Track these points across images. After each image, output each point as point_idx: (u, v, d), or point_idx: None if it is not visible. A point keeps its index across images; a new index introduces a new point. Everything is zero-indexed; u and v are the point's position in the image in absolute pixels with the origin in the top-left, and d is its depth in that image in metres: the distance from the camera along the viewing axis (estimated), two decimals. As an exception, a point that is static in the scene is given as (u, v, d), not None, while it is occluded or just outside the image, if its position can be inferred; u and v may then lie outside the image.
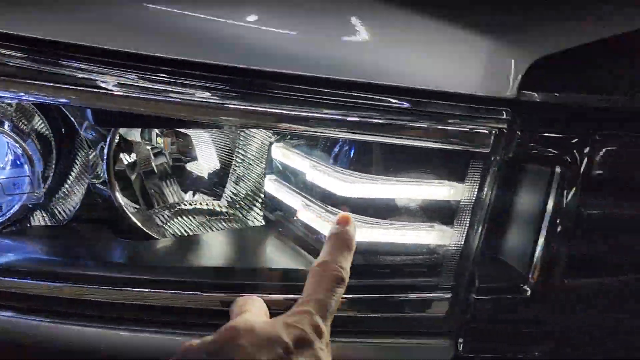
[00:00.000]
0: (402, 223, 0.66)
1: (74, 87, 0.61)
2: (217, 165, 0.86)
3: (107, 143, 0.72)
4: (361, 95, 0.61)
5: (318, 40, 0.63)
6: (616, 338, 0.74)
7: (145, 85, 0.60)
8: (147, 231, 0.76)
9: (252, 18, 0.63)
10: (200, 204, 0.85)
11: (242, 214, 0.83)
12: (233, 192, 0.83)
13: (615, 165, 0.67)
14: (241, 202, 0.83)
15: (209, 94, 0.61)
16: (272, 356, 0.49)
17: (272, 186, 0.77)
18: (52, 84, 0.61)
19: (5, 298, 0.68)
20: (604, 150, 0.66)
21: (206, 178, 0.87)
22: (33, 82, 0.61)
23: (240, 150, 0.81)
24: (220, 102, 0.61)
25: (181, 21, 0.62)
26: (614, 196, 0.68)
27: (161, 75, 0.61)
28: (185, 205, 0.84)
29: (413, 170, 0.65)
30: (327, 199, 0.68)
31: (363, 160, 0.66)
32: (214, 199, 0.86)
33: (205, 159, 0.85)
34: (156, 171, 0.83)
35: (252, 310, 0.57)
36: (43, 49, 0.61)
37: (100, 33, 0.61)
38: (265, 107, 0.61)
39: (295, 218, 0.73)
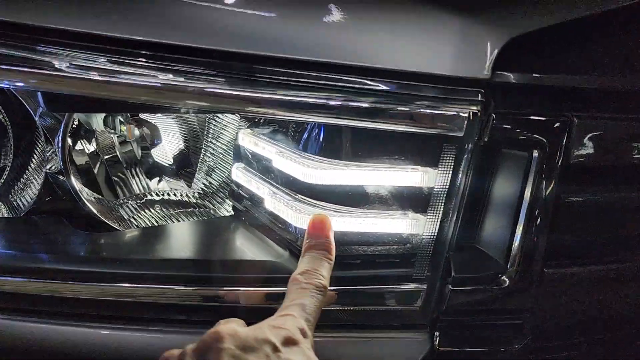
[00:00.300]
0: (374, 211, 0.63)
1: (24, 69, 0.58)
2: (186, 154, 0.83)
3: (61, 129, 0.68)
4: (328, 76, 0.58)
5: (286, 21, 0.60)
6: (598, 330, 0.71)
7: (100, 66, 0.57)
8: (107, 222, 0.72)
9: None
10: (168, 194, 0.82)
11: (211, 204, 0.80)
12: (202, 182, 0.80)
13: (597, 149, 0.63)
14: (210, 192, 0.80)
15: (171, 76, 0.57)
16: (261, 356, 0.48)
17: (240, 175, 0.74)
18: (4, 67, 0.58)
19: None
20: (583, 133, 0.63)
21: (174, 168, 0.84)
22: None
23: (209, 139, 0.78)
24: (184, 84, 0.57)
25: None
26: (596, 182, 0.65)
27: (120, 56, 0.57)
28: (152, 195, 0.81)
29: (384, 156, 0.62)
30: (295, 187, 0.64)
31: (331, 145, 0.63)
32: (182, 190, 0.82)
33: (172, 148, 0.82)
34: (121, 160, 0.79)
35: (232, 321, 0.54)
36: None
37: (54, 11, 0.58)
38: (231, 90, 0.58)
39: (260, 208, 0.70)
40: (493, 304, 0.65)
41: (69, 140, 0.70)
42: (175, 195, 0.81)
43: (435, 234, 0.63)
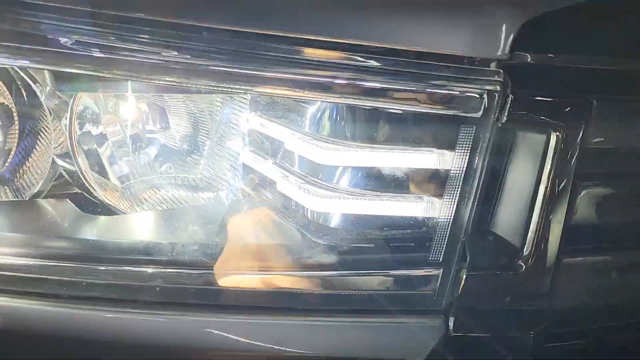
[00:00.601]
0: (389, 194, 0.62)
1: (32, 47, 0.56)
2: (193, 138, 0.81)
3: (69, 110, 0.67)
4: (346, 55, 0.57)
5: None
6: (614, 318, 0.70)
7: (107, 43, 0.56)
8: (114, 205, 0.71)
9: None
10: (174, 178, 0.80)
11: (218, 187, 0.79)
12: (209, 166, 0.79)
13: (617, 132, 0.62)
14: (217, 176, 0.79)
15: (176, 53, 0.56)
16: None
17: (250, 158, 0.72)
18: (8, 44, 0.56)
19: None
20: (603, 115, 0.61)
21: (181, 151, 0.82)
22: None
23: (216, 122, 0.76)
24: (193, 62, 0.56)
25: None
26: (616, 166, 0.64)
27: (130, 34, 0.56)
28: (158, 179, 0.79)
29: (400, 137, 0.61)
30: (307, 170, 0.63)
31: (345, 127, 0.62)
32: (188, 173, 0.81)
33: (180, 132, 0.80)
34: (128, 143, 0.78)
35: None
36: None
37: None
38: (240, 68, 0.56)
39: (272, 191, 0.68)
40: (509, 289, 0.64)
41: (76, 123, 0.68)
42: (181, 179, 0.80)
43: (451, 218, 0.62)
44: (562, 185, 0.62)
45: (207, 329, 0.62)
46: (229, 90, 0.68)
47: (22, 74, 0.69)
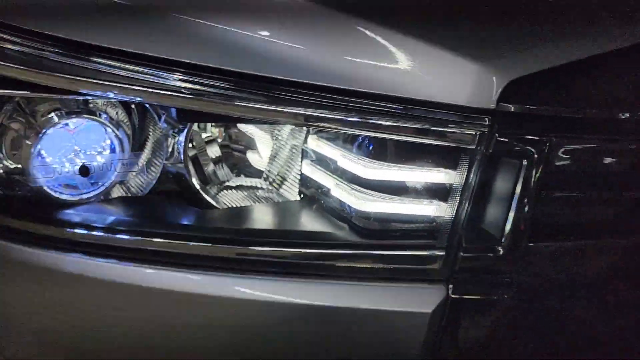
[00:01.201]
0: (409, 199, 0.90)
1: (161, 91, 0.84)
2: (260, 152, 1.09)
3: (185, 134, 0.95)
4: (380, 104, 0.85)
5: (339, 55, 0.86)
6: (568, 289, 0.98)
7: (214, 91, 0.83)
8: (211, 201, 0.99)
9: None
10: (244, 182, 1.08)
11: (277, 189, 1.06)
12: (271, 173, 1.06)
13: (567, 158, 0.90)
14: (277, 181, 1.06)
15: (258, 98, 0.84)
16: None
17: (308, 169, 1.00)
18: (143, 89, 0.84)
19: (108, 249, 0.90)
20: (558, 148, 0.89)
21: (250, 162, 1.10)
22: (134, 87, 0.84)
23: (278, 140, 1.04)
24: (264, 106, 0.84)
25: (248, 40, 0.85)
26: (567, 181, 0.92)
27: (226, 84, 0.84)
28: (231, 183, 1.07)
29: (418, 160, 0.88)
30: (353, 180, 0.91)
31: (380, 151, 0.90)
32: (255, 178, 1.09)
33: (251, 148, 1.08)
34: (210, 156, 1.05)
35: None
36: (136, 60, 0.84)
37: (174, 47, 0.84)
38: (298, 110, 0.84)
39: (327, 194, 0.96)
40: (491, 266, 0.92)
41: (188, 142, 0.96)
42: (250, 183, 1.07)
43: (453, 216, 0.89)
44: (529, 193, 0.89)
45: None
46: (296, 123, 0.96)
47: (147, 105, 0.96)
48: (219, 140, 1.06)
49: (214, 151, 1.03)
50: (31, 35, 0.88)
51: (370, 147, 0.91)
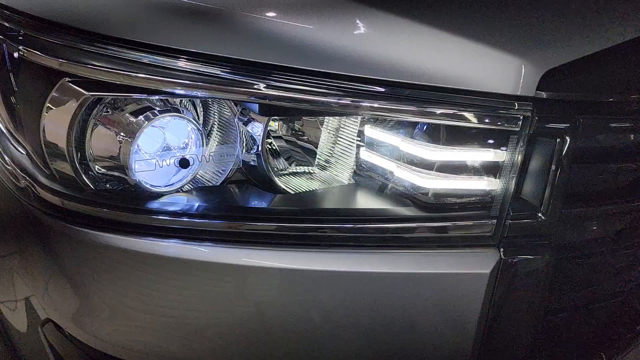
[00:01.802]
0: (464, 176, 1.04)
1: (248, 90, 0.96)
2: (318, 142, 1.21)
3: (264, 128, 1.06)
4: (444, 94, 0.99)
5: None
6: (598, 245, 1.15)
7: (293, 86, 0.96)
8: (284, 187, 1.10)
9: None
10: (305, 169, 1.20)
11: (334, 175, 1.19)
12: (326, 160, 1.18)
13: (592, 136, 1.07)
14: (333, 167, 1.19)
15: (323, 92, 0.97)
16: None
17: (366, 154, 1.13)
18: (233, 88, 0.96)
19: (195, 232, 1.01)
20: (585, 127, 1.06)
21: (305, 151, 1.22)
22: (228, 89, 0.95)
23: (334, 131, 1.16)
24: (330, 99, 0.97)
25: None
26: (594, 157, 1.09)
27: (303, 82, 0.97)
28: (285, 170, 1.19)
29: (470, 142, 1.03)
30: (415, 162, 1.04)
31: (438, 136, 1.04)
32: (309, 167, 1.21)
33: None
34: (275, 146, 1.17)
35: None
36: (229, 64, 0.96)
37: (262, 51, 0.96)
38: (363, 102, 0.98)
39: (388, 176, 1.09)
40: (534, 230, 1.07)
41: (265, 136, 1.07)
42: (311, 170, 1.19)
43: (501, 189, 1.04)
44: (562, 167, 1.05)
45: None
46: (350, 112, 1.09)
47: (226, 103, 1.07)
48: (284, 132, 1.18)
49: (282, 142, 1.14)
50: (124, 43, 0.98)
51: (430, 133, 1.05)
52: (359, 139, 1.14)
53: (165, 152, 1.02)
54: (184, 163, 1.02)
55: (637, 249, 1.16)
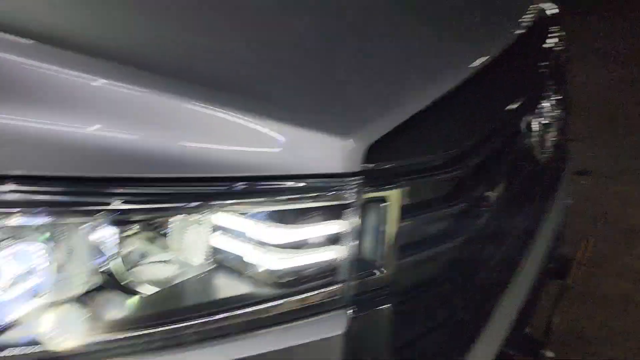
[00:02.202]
0: (313, 249, 1.14)
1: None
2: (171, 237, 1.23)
3: (115, 240, 1.06)
4: (268, 183, 1.07)
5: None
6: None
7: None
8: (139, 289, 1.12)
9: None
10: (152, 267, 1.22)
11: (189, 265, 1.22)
12: (180, 251, 1.21)
13: (416, 194, 1.22)
14: (189, 257, 1.21)
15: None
16: None
17: (218, 241, 1.17)
18: None
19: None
20: (409, 189, 1.20)
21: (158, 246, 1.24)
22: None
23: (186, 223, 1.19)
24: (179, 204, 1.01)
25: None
26: (418, 210, 1.24)
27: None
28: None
29: (315, 218, 1.12)
30: (265, 244, 1.12)
31: (287, 217, 1.12)
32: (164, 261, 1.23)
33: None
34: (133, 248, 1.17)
35: None
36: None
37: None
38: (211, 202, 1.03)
39: (240, 261, 1.15)
40: (376, 284, 1.20)
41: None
42: (159, 263, 1.21)
43: (346, 255, 1.15)
44: (392, 225, 1.19)
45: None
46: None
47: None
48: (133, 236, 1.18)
49: (135, 244, 1.15)
50: None
51: (274, 215, 1.12)
52: (210, 228, 1.18)
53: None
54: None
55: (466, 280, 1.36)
